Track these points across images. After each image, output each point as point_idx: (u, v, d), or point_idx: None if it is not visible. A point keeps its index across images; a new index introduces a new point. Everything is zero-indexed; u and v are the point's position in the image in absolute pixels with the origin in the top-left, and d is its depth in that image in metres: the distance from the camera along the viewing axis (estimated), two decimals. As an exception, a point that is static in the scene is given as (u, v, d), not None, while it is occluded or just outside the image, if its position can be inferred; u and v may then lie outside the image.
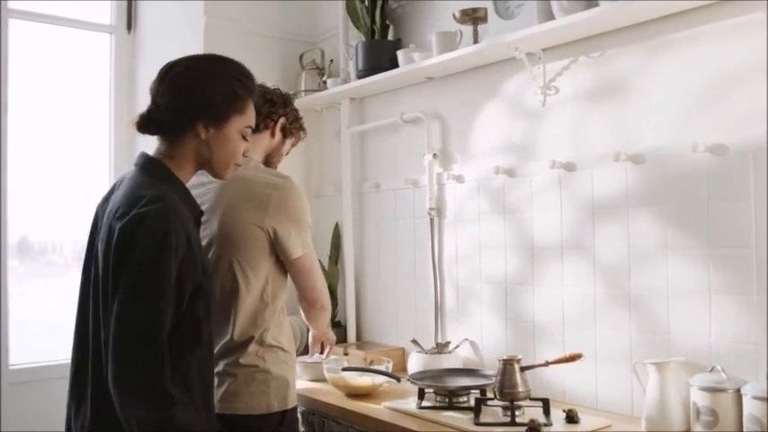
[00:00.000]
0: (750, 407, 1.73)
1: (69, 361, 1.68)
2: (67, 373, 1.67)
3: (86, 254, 1.69)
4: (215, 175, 1.75)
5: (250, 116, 1.74)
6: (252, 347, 1.96)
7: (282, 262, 2.02)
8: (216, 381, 1.85)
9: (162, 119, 1.64)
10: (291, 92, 2.61)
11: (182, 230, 1.52)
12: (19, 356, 3.16)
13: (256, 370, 1.96)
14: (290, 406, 2.02)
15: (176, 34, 3.36)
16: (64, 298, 3.49)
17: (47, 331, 3.38)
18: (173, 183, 1.64)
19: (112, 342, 1.45)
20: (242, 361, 1.96)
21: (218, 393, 1.90)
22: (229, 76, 1.68)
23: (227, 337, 1.97)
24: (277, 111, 2.18)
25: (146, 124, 1.66)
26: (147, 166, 1.65)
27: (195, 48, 3.17)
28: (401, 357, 2.85)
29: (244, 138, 1.73)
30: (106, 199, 1.71)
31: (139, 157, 1.68)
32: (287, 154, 2.29)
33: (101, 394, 1.50)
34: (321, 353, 2.41)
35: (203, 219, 1.83)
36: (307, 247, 2.02)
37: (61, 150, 3.45)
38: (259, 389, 1.96)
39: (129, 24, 3.56)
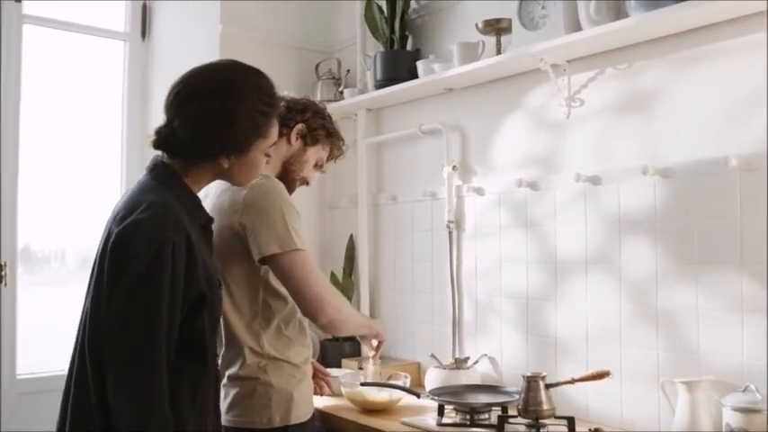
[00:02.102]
0: (786, 429, 1.69)
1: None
2: None
3: (94, 262, 1.63)
4: (233, 185, 1.75)
5: (273, 134, 1.69)
6: (252, 359, 1.91)
7: (273, 272, 1.92)
8: (222, 392, 1.82)
9: (180, 148, 1.58)
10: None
11: (179, 236, 1.47)
12: (23, 366, 3.11)
13: (257, 382, 1.91)
14: (294, 422, 1.94)
15: (191, 42, 3.33)
16: (67, 307, 3.46)
17: (49, 341, 3.33)
18: (180, 188, 1.59)
19: (108, 358, 1.42)
20: (242, 373, 1.91)
21: (222, 405, 1.87)
22: (252, 110, 1.60)
23: (222, 348, 1.95)
24: (294, 117, 2.12)
25: (162, 146, 1.60)
26: (154, 169, 1.61)
27: (211, 57, 3.14)
28: (417, 372, 2.80)
29: (266, 154, 1.70)
30: (120, 198, 1.66)
31: (152, 160, 1.64)
32: (321, 166, 2.21)
33: (80, 401, 1.47)
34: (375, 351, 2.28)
35: None
36: (285, 246, 1.85)
37: (70, 157, 3.41)
38: (261, 402, 1.91)
39: (144, 32, 3.54)
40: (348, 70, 3.26)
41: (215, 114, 1.58)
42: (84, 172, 3.46)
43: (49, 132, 3.34)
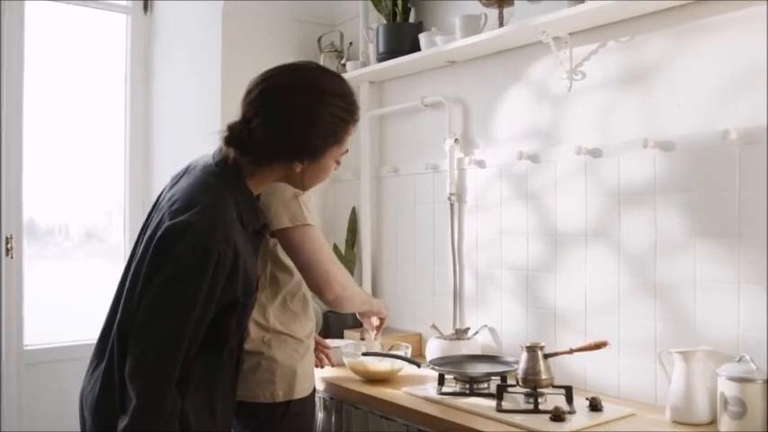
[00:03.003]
0: (780, 397, 1.71)
1: (86, 339, 1.66)
2: (81, 354, 1.66)
3: (143, 226, 1.65)
4: (297, 189, 1.77)
5: (347, 142, 1.68)
6: (256, 333, 1.92)
7: (282, 246, 1.94)
8: None
9: (254, 147, 1.56)
10: None
11: (227, 247, 1.46)
12: (30, 337, 3.16)
13: (261, 357, 1.93)
14: (297, 396, 1.96)
15: (194, 16, 3.33)
16: (71, 280, 3.51)
17: (55, 313, 3.38)
18: (241, 192, 1.58)
19: (132, 344, 1.44)
20: (246, 347, 1.89)
21: None
22: (333, 116, 1.60)
23: None
24: None
25: (235, 144, 1.57)
26: (221, 165, 1.59)
27: (213, 30, 3.15)
28: (418, 343, 2.84)
29: (336, 162, 1.71)
30: (178, 178, 1.66)
31: (220, 153, 1.60)
32: None
33: (112, 365, 1.50)
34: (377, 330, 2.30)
35: None
36: (296, 221, 1.88)
37: (73, 132, 3.43)
38: (264, 377, 1.92)
39: (146, 5, 3.54)
40: (351, 43, 3.26)
41: (298, 117, 1.57)
42: (88, 146, 3.48)
43: (53, 106, 3.36)
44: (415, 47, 2.78)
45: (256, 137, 1.55)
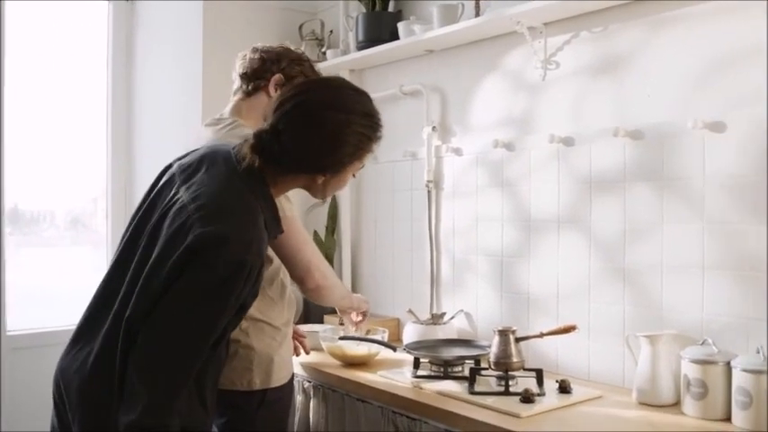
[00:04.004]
0: (739, 379, 1.76)
1: (70, 325, 1.65)
2: (64, 339, 1.64)
3: (145, 209, 1.65)
4: (314, 197, 1.79)
5: (367, 157, 1.72)
6: None
7: None
8: None
9: (282, 158, 1.58)
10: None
11: (257, 260, 1.49)
12: (12, 323, 3.18)
13: (239, 345, 1.93)
14: (274, 385, 1.98)
15: (175, 4, 3.33)
16: (57, 267, 3.53)
17: (41, 299, 3.40)
18: (265, 200, 1.60)
19: (149, 341, 1.44)
20: None
21: None
22: (361, 134, 1.63)
23: None
24: (269, 68, 2.06)
25: (262, 153, 1.58)
26: (248, 171, 1.59)
27: (195, 17, 3.16)
28: (396, 328, 2.89)
29: (353, 175, 1.76)
30: (191, 169, 1.64)
31: (245, 159, 1.59)
32: None
33: (109, 348, 1.50)
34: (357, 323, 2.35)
35: None
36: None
37: (56, 119, 3.43)
38: (241, 365, 1.94)
39: (128, -8, 3.54)
40: (331, 31, 3.28)
41: (329, 134, 1.60)
42: (72, 133, 3.49)
43: (35, 93, 3.35)
44: (394, 36, 2.81)
45: (286, 150, 1.58)
